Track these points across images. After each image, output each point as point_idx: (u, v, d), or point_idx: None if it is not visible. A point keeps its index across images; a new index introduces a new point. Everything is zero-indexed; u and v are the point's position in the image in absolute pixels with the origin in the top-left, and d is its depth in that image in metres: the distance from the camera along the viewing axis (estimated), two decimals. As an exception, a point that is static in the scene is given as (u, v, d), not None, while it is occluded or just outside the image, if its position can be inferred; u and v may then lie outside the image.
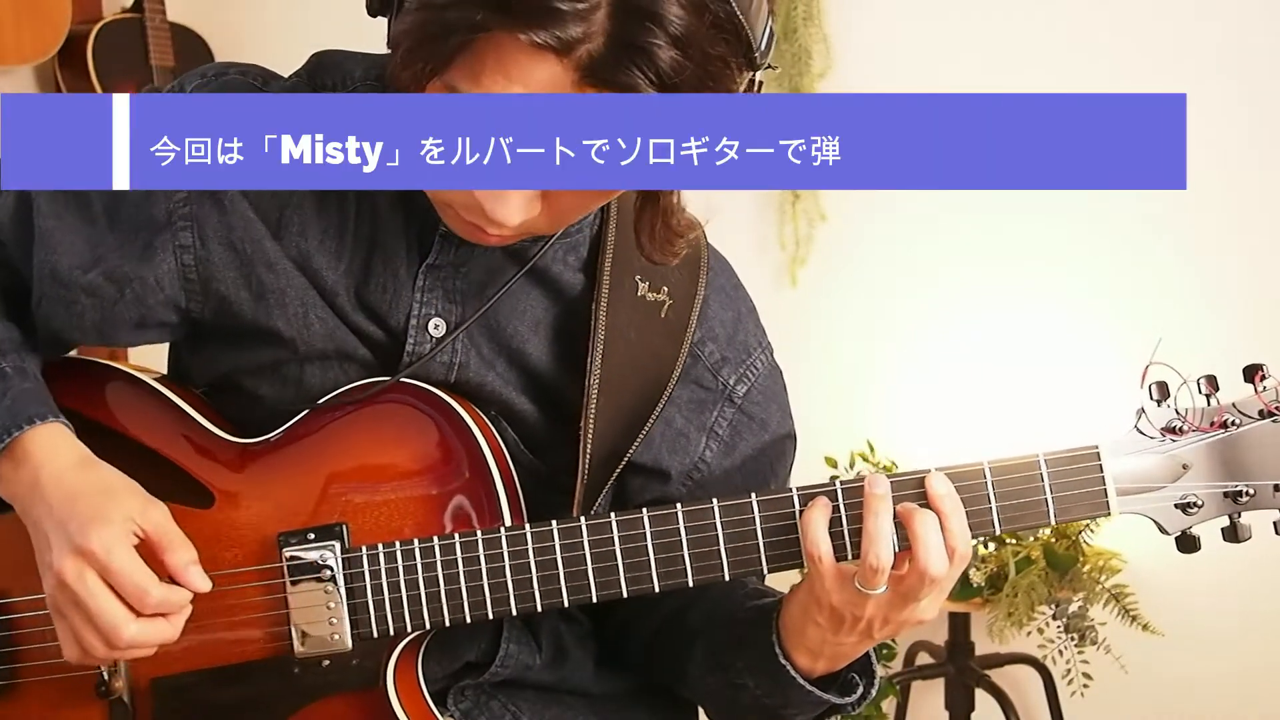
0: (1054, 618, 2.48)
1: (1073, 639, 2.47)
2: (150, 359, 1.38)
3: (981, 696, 2.58)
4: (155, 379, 1.27)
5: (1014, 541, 2.49)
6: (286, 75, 1.22)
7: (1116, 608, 2.44)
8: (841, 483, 1.09)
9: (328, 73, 1.20)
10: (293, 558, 1.15)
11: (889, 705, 2.61)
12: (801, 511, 1.08)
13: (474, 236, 1.09)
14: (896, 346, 2.79)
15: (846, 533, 1.08)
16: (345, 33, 1.24)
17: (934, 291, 2.75)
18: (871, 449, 2.62)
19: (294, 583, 1.15)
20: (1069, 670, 2.48)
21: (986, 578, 2.46)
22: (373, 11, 1.03)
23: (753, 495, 1.10)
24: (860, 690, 1.17)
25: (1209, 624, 2.54)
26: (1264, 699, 2.53)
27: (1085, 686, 2.47)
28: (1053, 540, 2.48)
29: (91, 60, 3.15)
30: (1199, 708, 2.58)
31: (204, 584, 1.12)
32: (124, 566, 1.08)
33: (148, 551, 1.11)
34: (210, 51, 3.36)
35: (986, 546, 2.51)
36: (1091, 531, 2.47)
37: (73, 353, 1.30)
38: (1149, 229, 2.55)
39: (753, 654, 1.15)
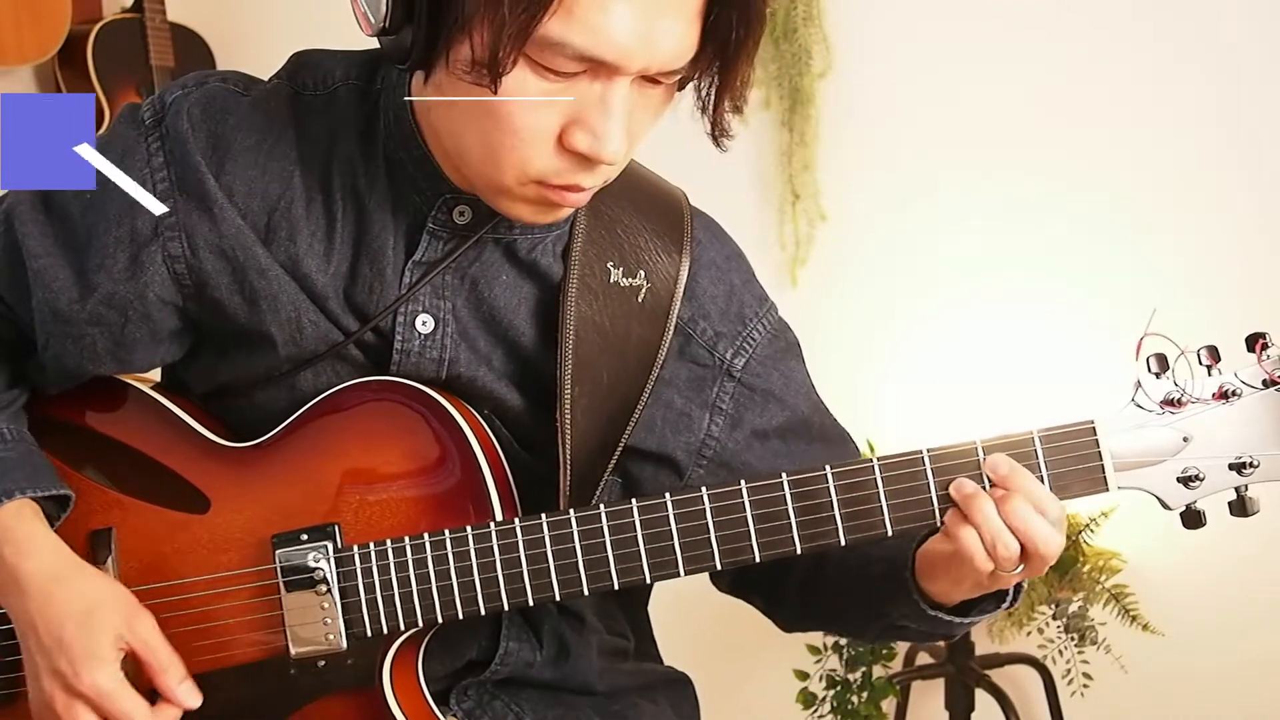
0: (1054, 618, 2.47)
1: (1073, 639, 2.46)
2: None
3: (981, 696, 2.57)
4: (151, 387, 1.27)
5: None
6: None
7: (1116, 608, 2.43)
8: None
9: (308, 73, 1.19)
10: (285, 559, 1.15)
11: (889, 705, 2.61)
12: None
13: (547, 214, 1.10)
14: (896, 346, 2.78)
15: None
16: (345, 32, 1.24)
17: (934, 291, 2.75)
18: (872, 449, 2.61)
19: (287, 584, 1.15)
20: (1069, 670, 2.47)
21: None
22: (394, 26, 1.03)
23: (742, 483, 1.09)
24: (1012, 591, 1.16)
25: (1209, 624, 2.53)
26: (1264, 699, 2.52)
27: (1085, 686, 2.46)
28: (1053, 540, 2.48)
29: (91, 60, 3.15)
30: (1199, 708, 2.58)
31: (195, 700, 1.16)
32: (119, 709, 1.12)
33: (135, 664, 1.14)
34: (210, 51, 3.36)
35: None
36: (1091, 532, 2.47)
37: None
38: (1150, 228, 2.55)
39: (906, 608, 1.16)
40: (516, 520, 1.12)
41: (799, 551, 1.09)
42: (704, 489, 1.10)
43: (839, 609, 1.28)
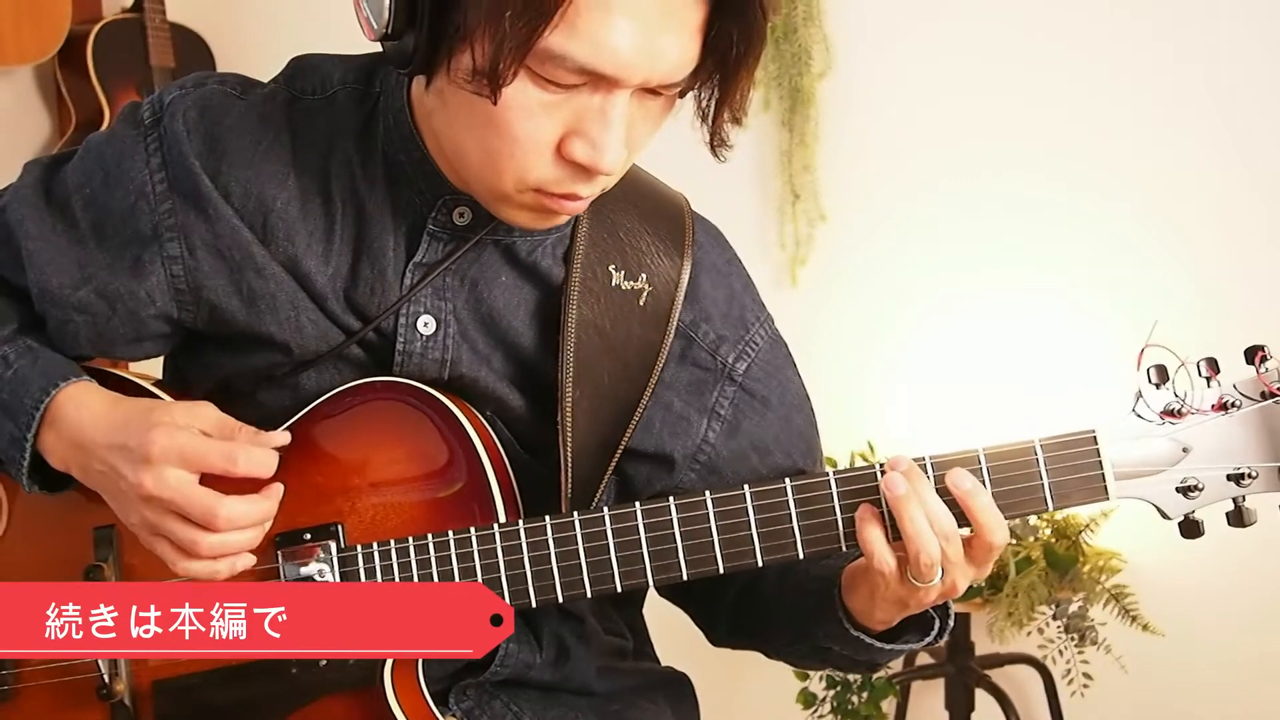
0: (1054, 618, 2.48)
1: (1073, 639, 2.46)
2: (147, 365, 1.38)
3: (981, 696, 2.58)
4: (152, 384, 1.27)
5: (1014, 542, 2.49)
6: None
7: (1116, 608, 2.43)
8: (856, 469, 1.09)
9: (306, 77, 1.20)
10: (288, 559, 1.15)
11: (889, 705, 2.61)
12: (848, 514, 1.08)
13: (544, 220, 1.11)
14: (897, 346, 2.79)
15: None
16: (346, 33, 1.24)
17: (934, 292, 2.75)
18: (872, 449, 2.61)
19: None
20: (1069, 670, 2.47)
21: (987, 578, 2.45)
22: (396, 32, 1.02)
23: (745, 487, 1.10)
24: (937, 626, 1.16)
25: (1209, 624, 2.53)
26: (1264, 699, 2.52)
27: (1085, 686, 2.47)
28: (1053, 540, 2.48)
29: (91, 60, 3.15)
30: (1199, 708, 2.58)
31: (283, 436, 1.15)
32: (197, 447, 1.10)
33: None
34: (210, 51, 3.36)
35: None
36: (1091, 532, 2.47)
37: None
38: (1146, 225, 2.56)
39: (830, 626, 1.16)
40: (520, 522, 1.12)
41: (801, 556, 1.09)
42: (708, 493, 1.10)
43: (768, 627, 1.28)
